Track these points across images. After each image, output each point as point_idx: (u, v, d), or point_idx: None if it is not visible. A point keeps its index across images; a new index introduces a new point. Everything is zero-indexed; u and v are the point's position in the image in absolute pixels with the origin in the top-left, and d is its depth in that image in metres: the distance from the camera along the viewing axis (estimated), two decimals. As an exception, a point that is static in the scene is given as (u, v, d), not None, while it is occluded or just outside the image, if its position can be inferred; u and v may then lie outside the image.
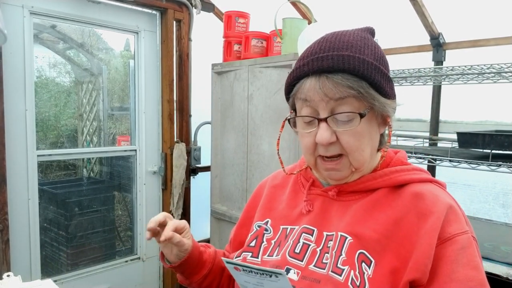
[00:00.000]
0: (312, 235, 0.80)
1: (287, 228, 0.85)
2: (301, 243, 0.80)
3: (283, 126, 0.86)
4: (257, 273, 0.66)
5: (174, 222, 0.85)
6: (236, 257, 0.89)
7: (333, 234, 0.77)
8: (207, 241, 2.66)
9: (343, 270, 0.71)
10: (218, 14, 2.97)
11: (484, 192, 2.20)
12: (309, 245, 0.79)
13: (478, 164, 1.51)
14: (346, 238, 0.75)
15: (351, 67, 0.71)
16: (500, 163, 1.45)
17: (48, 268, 2.45)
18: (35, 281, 1.17)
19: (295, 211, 0.86)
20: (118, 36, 2.77)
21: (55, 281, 1.25)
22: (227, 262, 0.69)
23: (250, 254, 0.86)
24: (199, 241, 0.95)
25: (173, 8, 2.63)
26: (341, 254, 0.73)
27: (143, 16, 2.62)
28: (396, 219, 0.73)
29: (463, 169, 1.58)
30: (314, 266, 0.75)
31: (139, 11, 2.59)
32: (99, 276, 2.55)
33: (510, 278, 1.32)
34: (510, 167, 1.43)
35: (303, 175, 0.91)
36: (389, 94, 0.76)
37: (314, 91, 0.72)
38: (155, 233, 0.84)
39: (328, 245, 0.76)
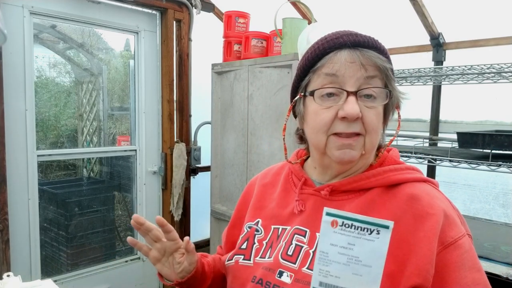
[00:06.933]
0: (304, 237, 0.78)
1: (278, 228, 0.83)
2: (293, 245, 0.77)
3: (290, 110, 0.84)
4: (357, 227, 0.58)
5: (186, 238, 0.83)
6: (228, 260, 0.87)
7: None
8: (207, 241, 2.66)
9: None
10: (218, 14, 2.97)
11: (484, 192, 2.20)
12: (302, 246, 0.76)
13: (478, 164, 1.51)
14: None
15: (381, 47, 0.74)
16: (500, 163, 1.45)
17: (48, 268, 2.45)
18: (35, 281, 1.17)
19: (286, 211, 0.84)
20: (118, 36, 2.77)
21: (55, 281, 1.25)
22: (334, 215, 0.59)
23: (242, 256, 0.84)
24: (199, 241, 0.95)
25: (173, 8, 2.63)
26: None
27: (143, 16, 2.62)
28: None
29: (463, 169, 1.58)
30: (307, 268, 0.73)
31: (139, 11, 2.59)
32: (99, 276, 2.55)
33: (510, 278, 1.31)
34: (510, 167, 1.43)
35: (295, 174, 0.89)
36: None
37: (347, 64, 0.72)
38: (143, 231, 0.82)
39: None
